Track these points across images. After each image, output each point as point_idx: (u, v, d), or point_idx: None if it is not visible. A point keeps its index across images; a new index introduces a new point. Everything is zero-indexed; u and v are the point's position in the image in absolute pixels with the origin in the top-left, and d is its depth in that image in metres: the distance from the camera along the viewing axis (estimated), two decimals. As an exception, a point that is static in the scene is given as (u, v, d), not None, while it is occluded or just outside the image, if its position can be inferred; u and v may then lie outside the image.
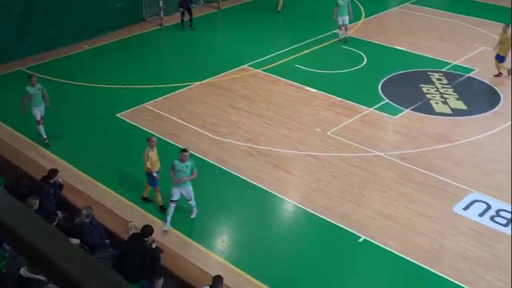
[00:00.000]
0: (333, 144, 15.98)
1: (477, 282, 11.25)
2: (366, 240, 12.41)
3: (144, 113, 17.86)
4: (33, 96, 15.46)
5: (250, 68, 20.94)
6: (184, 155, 12.54)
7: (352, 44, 22.90)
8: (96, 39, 23.61)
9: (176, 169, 12.51)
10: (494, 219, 12.99)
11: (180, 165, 12.48)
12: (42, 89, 15.64)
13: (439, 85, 19.39)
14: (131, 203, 13.66)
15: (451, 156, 15.38)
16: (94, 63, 21.82)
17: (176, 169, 12.51)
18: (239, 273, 11.59)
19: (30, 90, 15.43)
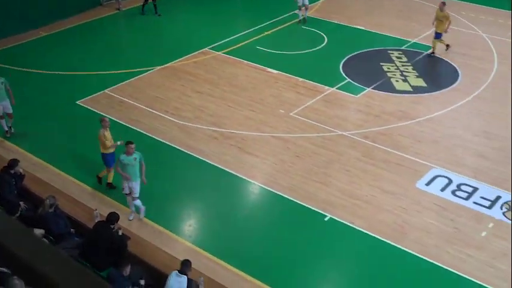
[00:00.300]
0: (297, 125, 16.04)
1: (441, 256, 11.51)
2: (332, 219, 12.55)
3: (105, 99, 17.60)
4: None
5: (211, 51, 20.80)
6: (131, 147, 12.04)
7: (312, 24, 22.95)
8: (53, 25, 23.10)
9: (123, 163, 12.06)
10: (456, 194, 13.27)
11: (127, 158, 12.05)
12: (5, 83, 15.10)
13: (399, 63, 19.61)
14: (95, 191, 13.50)
15: (413, 133, 15.61)
16: (51, 49, 21.35)
17: (123, 163, 12.06)
18: (207, 256, 11.59)
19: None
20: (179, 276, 9.63)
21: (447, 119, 16.31)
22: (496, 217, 12.55)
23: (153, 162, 14.76)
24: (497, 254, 11.57)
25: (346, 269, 11.56)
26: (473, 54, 20.15)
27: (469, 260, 11.41)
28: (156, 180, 14.09)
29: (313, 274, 11.30)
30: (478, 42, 21.15)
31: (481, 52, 20.31)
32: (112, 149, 13.14)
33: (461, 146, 15.02)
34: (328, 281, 11.23)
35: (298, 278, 11.19)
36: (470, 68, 19.16)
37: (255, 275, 11.11)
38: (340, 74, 18.96)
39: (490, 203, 12.95)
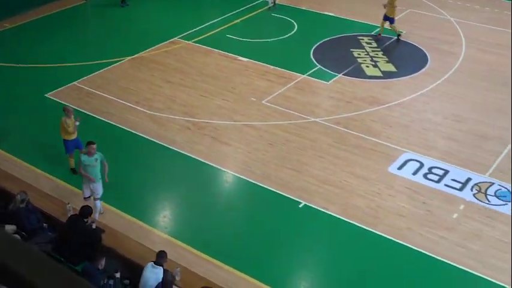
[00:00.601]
0: (269, 113, 16.05)
1: (414, 238, 11.67)
2: (306, 206, 12.62)
3: (75, 92, 17.36)
4: None
5: (181, 41, 20.65)
6: (92, 147, 11.76)
7: (282, 12, 22.92)
8: (18, 17, 22.63)
9: (85, 164, 11.76)
10: (427, 177, 13.45)
11: (88, 159, 11.76)
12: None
13: (369, 49, 19.72)
14: (67, 185, 13.34)
15: (384, 118, 15.75)
16: (17, 42, 20.97)
17: (85, 164, 11.76)
18: (184, 247, 11.57)
19: None
20: (155, 267, 9.61)
21: (417, 103, 16.48)
22: (467, 199, 12.76)
23: (126, 154, 14.68)
24: (468, 234, 11.78)
25: (321, 255, 11.65)
26: (442, 39, 20.37)
27: (442, 242, 11.60)
28: (129, 172, 14.01)
29: (289, 261, 11.36)
30: (446, 26, 21.37)
31: (450, 36, 20.53)
32: (74, 135, 13.23)
33: (431, 130, 15.21)
34: (304, 267, 11.31)
35: (275, 265, 11.24)
36: (439, 52, 19.37)
37: (231, 264, 11.13)
38: (311, 61, 19.00)
39: (460, 185, 13.16)
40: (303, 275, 11.09)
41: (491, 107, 16.17)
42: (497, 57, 19.00)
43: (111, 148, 14.82)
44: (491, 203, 12.61)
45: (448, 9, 22.85)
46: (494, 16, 22.17)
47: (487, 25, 21.40)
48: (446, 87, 17.29)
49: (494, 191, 12.96)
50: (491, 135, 14.94)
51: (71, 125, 13.11)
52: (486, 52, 19.38)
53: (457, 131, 15.13)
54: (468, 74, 17.96)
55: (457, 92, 17.01)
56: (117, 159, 14.44)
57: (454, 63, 18.68)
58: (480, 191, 12.96)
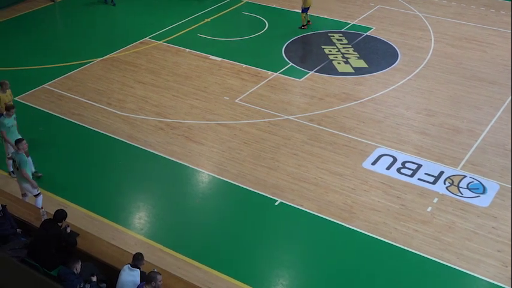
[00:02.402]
0: (242, 112, 16.04)
1: (390, 233, 11.79)
2: (282, 203, 12.65)
3: (45, 94, 17.12)
4: None
5: (151, 41, 20.51)
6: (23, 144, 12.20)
7: (252, 10, 22.92)
8: (-16, 20, 22.27)
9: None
10: (401, 171, 13.58)
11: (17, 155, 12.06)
12: None
13: (340, 45, 19.83)
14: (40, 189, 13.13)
15: (357, 114, 15.86)
16: (-16, 45, 20.60)
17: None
18: (160, 248, 11.51)
19: None
20: (132, 270, 9.52)
21: (389, 99, 16.63)
22: (440, 192, 12.92)
23: (99, 156, 14.54)
24: (442, 227, 11.93)
25: (298, 252, 11.68)
26: (411, 34, 20.58)
27: (416, 235, 11.73)
28: (102, 174, 13.88)
29: (266, 259, 11.38)
30: (414, 21, 21.60)
31: (418, 31, 20.76)
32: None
33: (404, 125, 15.36)
34: (281, 264, 11.32)
35: (252, 263, 11.25)
36: (408, 47, 19.57)
37: (209, 264, 11.11)
38: (283, 59, 19.03)
39: (433, 178, 13.32)
40: (281, 273, 11.11)
41: (461, 101, 16.41)
42: (465, 51, 19.28)
43: (84, 150, 14.67)
44: (464, 196, 12.79)
45: (416, 4, 23.09)
46: (461, 10, 22.49)
47: (454, 19, 21.69)
48: (417, 82, 17.49)
49: (466, 183, 13.15)
50: (462, 128, 15.16)
51: (5, 99, 13.80)
52: (454, 46, 19.65)
53: (429, 125, 15.31)
54: (438, 68, 18.19)
55: (427, 86, 17.21)
56: (90, 161, 14.30)
57: (423, 57, 18.89)
58: (453, 184, 13.13)
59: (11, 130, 13.11)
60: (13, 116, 13.10)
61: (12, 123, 13.13)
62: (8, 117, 13.06)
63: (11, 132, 13.10)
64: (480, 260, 11.14)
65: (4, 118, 13.04)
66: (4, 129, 13.00)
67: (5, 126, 12.98)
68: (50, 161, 12.39)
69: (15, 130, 13.23)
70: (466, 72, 17.93)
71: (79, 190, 13.24)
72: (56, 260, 10.22)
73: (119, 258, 10.71)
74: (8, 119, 13.05)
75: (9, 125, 13.06)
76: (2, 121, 13.00)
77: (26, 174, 11.80)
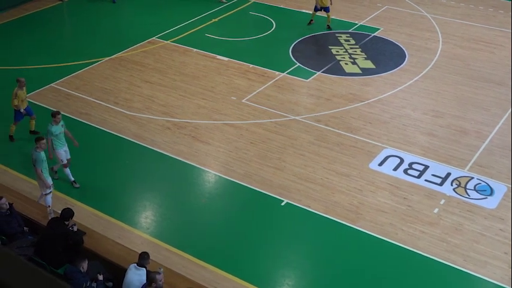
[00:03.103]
0: (249, 112, 16.05)
1: (396, 234, 11.76)
2: (288, 203, 12.64)
3: (52, 94, 17.19)
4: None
5: (159, 40, 20.54)
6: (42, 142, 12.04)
7: (260, 10, 22.92)
8: (-7, 19, 22.37)
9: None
10: (408, 172, 13.55)
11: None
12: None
13: (347, 46, 19.80)
14: (47, 188, 13.19)
15: (364, 115, 15.83)
16: (-7, 44, 20.69)
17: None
18: (166, 247, 11.53)
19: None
20: (138, 269, 9.55)
21: (397, 100, 16.59)
22: (447, 193, 12.88)
23: (105, 155, 14.58)
24: (449, 229, 11.89)
25: (304, 252, 11.67)
26: (419, 35, 20.52)
27: (423, 237, 11.70)
28: (109, 173, 13.92)
29: (272, 259, 11.38)
30: (423, 22, 21.54)
31: (426, 32, 20.70)
32: (18, 107, 14.46)
33: (411, 126, 15.32)
34: (287, 264, 11.31)
35: (258, 264, 11.25)
36: (416, 48, 19.51)
37: (215, 263, 11.11)
38: (290, 59, 19.02)
39: (440, 180, 13.28)
40: (287, 273, 11.11)
41: (469, 102, 16.35)
42: (472, 52, 19.21)
43: (91, 149, 14.71)
44: (471, 197, 12.74)
45: (424, 5, 23.03)
46: (469, 12, 22.40)
47: (463, 20, 21.62)
48: (424, 82, 17.43)
49: (473, 185, 13.10)
50: (469, 130, 15.10)
51: (22, 96, 14.23)
52: (462, 47, 19.58)
53: (436, 127, 15.26)
54: (445, 70, 18.13)
55: (435, 87, 17.16)
56: (97, 160, 14.34)
57: (431, 58, 18.84)
58: (460, 186, 13.09)
59: (59, 137, 12.66)
60: (60, 123, 12.67)
61: (60, 131, 12.67)
62: (55, 124, 12.56)
63: (59, 139, 12.65)
64: (487, 262, 11.10)
65: (52, 126, 12.54)
66: (51, 136, 12.51)
67: (53, 134, 12.51)
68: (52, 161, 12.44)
69: (62, 137, 12.75)
70: (474, 74, 17.86)
71: (86, 189, 13.27)
72: (62, 259, 10.26)
73: (125, 257, 10.76)
74: (55, 126, 12.55)
75: (57, 132, 12.59)
76: (50, 129, 12.52)
77: (39, 172, 11.80)
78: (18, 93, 14.14)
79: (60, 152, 12.77)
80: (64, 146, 12.85)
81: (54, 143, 12.60)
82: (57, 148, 12.71)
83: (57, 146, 12.69)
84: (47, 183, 11.91)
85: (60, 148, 12.76)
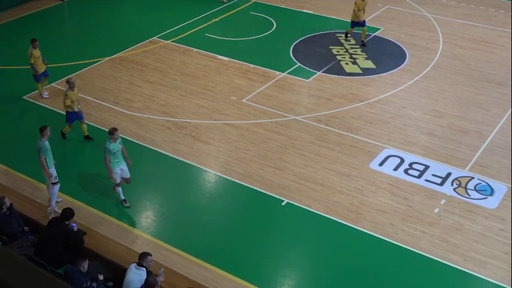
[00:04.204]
0: (250, 111, 16.04)
1: (396, 234, 11.75)
2: (289, 203, 12.64)
3: (53, 93, 17.18)
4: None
5: (159, 40, 20.54)
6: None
7: (260, 10, 22.91)
8: (-6, 19, 22.37)
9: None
10: (408, 172, 13.54)
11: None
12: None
13: (347, 46, 19.79)
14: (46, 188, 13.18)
15: (364, 114, 15.82)
16: (-7, 44, 20.69)
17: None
18: (166, 247, 11.52)
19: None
20: (138, 268, 9.55)
21: (397, 100, 16.58)
22: (448, 193, 12.87)
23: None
24: (449, 229, 11.88)
25: (305, 252, 11.67)
26: (420, 35, 20.51)
27: (424, 237, 11.69)
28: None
29: (272, 259, 11.37)
30: (423, 22, 21.53)
31: (427, 32, 20.69)
32: (69, 108, 14.42)
33: (411, 126, 15.32)
34: (288, 265, 11.31)
35: (259, 264, 11.24)
36: (417, 48, 19.50)
37: (215, 263, 11.10)
38: (291, 59, 19.02)
39: (441, 180, 13.27)
40: (287, 273, 11.10)
41: (469, 102, 16.34)
42: (473, 52, 19.20)
43: (90, 149, 14.71)
44: (472, 197, 12.74)
45: (425, 5, 23.02)
46: (470, 12, 22.40)
47: (463, 20, 21.61)
48: (425, 82, 17.43)
49: (474, 185, 13.09)
50: (470, 130, 15.10)
51: (73, 97, 14.26)
52: (463, 47, 19.57)
53: (436, 126, 15.25)
54: (446, 70, 18.13)
55: (435, 87, 17.15)
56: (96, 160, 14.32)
57: (432, 58, 18.83)
58: (460, 186, 13.08)
59: (116, 155, 12.04)
60: (118, 140, 12.06)
61: (118, 148, 12.05)
62: (113, 141, 11.92)
63: (115, 157, 12.04)
64: (487, 262, 11.09)
65: (109, 143, 11.88)
66: (109, 155, 11.93)
67: (110, 151, 11.89)
68: (57, 159, 12.41)
69: (119, 156, 12.17)
70: (475, 74, 17.85)
71: (86, 189, 13.27)
72: (63, 258, 10.27)
73: (125, 257, 10.77)
74: (113, 143, 11.92)
75: (115, 150, 11.97)
76: (107, 146, 11.86)
77: (42, 161, 11.83)
78: (69, 94, 14.19)
79: (115, 170, 12.11)
80: (120, 165, 12.21)
81: (111, 161, 12.02)
82: (113, 167, 12.09)
83: (114, 165, 12.06)
84: (49, 172, 11.89)
85: (116, 167, 12.11)
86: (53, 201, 12.18)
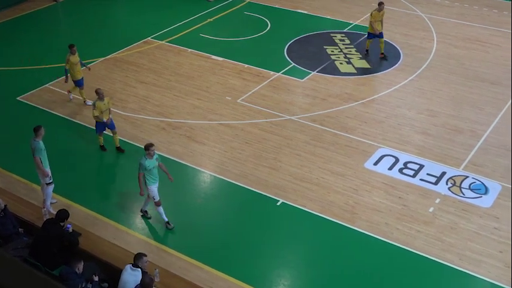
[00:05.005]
0: (244, 112, 16.04)
1: (391, 233, 11.77)
2: (284, 203, 12.64)
3: (47, 94, 17.15)
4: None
5: (154, 40, 20.52)
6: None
7: (254, 10, 22.92)
8: (-13, 20, 22.30)
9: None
10: (403, 172, 13.57)
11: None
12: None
13: (342, 46, 19.81)
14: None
15: (359, 114, 15.84)
16: (-13, 45, 20.62)
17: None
18: (162, 248, 11.52)
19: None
20: (133, 269, 9.55)
21: (391, 99, 16.62)
22: (442, 192, 12.90)
23: (100, 156, 14.54)
24: (444, 228, 11.91)
25: (300, 252, 11.67)
26: (414, 34, 20.56)
27: (419, 236, 11.71)
28: (104, 174, 13.89)
29: (268, 259, 11.37)
30: (417, 22, 21.57)
31: (421, 32, 20.73)
32: (98, 119, 13.99)
33: (406, 125, 15.35)
34: (283, 265, 11.31)
35: (254, 264, 11.24)
36: (411, 48, 19.54)
37: (211, 263, 11.11)
38: (285, 59, 19.03)
39: (435, 179, 13.30)
40: (283, 273, 11.10)
41: (463, 101, 16.38)
42: (467, 52, 19.26)
43: (85, 150, 14.68)
44: (466, 196, 12.77)
45: (419, 4, 23.07)
46: (464, 11, 22.46)
47: (457, 20, 21.67)
48: (419, 82, 17.47)
49: (468, 184, 13.13)
50: (464, 129, 15.14)
51: (102, 107, 13.84)
52: (457, 47, 19.63)
53: (431, 126, 15.29)
54: (440, 69, 18.17)
55: (429, 86, 17.19)
56: (92, 161, 14.31)
57: (426, 58, 18.87)
58: (455, 185, 13.11)
59: (152, 172, 11.46)
60: (155, 156, 11.51)
61: (154, 165, 11.47)
62: (149, 157, 11.36)
63: (152, 174, 11.47)
64: (482, 261, 11.12)
65: (145, 159, 11.35)
66: (144, 171, 11.39)
67: (146, 168, 11.35)
68: (51, 160, 12.38)
69: (156, 172, 11.56)
70: (469, 73, 17.90)
71: (81, 190, 13.25)
72: (58, 260, 10.25)
73: (121, 257, 10.76)
74: (149, 160, 11.36)
75: (150, 167, 11.39)
76: (142, 163, 11.31)
77: (37, 160, 11.80)
78: (97, 104, 13.78)
79: (153, 188, 11.58)
80: (157, 182, 11.67)
81: (146, 178, 11.45)
82: (149, 184, 11.52)
83: (150, 182, 11.48)
84: (45, 171, 11.87)
85: (153, 184, 11.58)
86: (47, 202, 12.15)
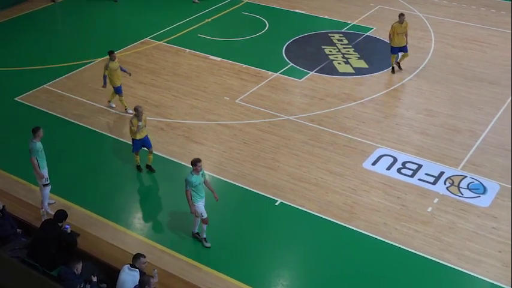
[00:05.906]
0: (243, 112, 16.03)
1: (390, 233, 11.77)
2: (283, 203, 12.64)
3: (45, 95, 17.13)
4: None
5: (152, 41, 20.51)
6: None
7: (252, 10, 22.91)
8: (-15, 20, 22.28)
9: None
10: (401, 171, 13.57)
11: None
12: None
13: (340, 46, 19.81)
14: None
15: (357, 114, 15.84)
16: (-15, 45, 20.60)
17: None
18: (160, 248, 11.51)
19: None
20: (131, 270, 9.53)
21: (390, 99, 16.62)
22: (441, 192, 12.91)
23: (99, 156, 14.53)
24: (442, 228, 11.92)
25: (299, 252, 11.67)
26: (412, 34, 20.46)
27: (417, 236, 11.72)
28: (102, 174, 13.87)
29: (266, 259, 11.37)
30: (415, 22, 21.56)
31: (419, 32, 20.73)
32: (137, 135, 13.37)
33: (404, 125, 15.35)
34: (282, 265, 11.31)
35: (253, 264, 11.24)
36: (409, 48, 19.47)
37: (209, 264, 11.10)
38: (283, 59, 19.03)
39: (434, 178, 13.30)
40: (281, 273, 11.10)
41: (462, 101, 16.39)
42: (465, 52, 19.27)
43: (84, 150, 14.67)
44: (464, 196, 12.78)
45: (417, 4, 23.08)
46: (462, 11, 22.47)
47: (455, 20, 21.68)
48: (417, 82, 17.47)
49: (466, 184, 13.14)
50: (462, 129, 15.14)
51: (135, 124, 13.27)
52: (455, 47, 19.63)
53: (429, 126, 15.29)
54: (438, 69, 18.18)
55: (428, 86, 17.20)
56: (90, 162, 14.29)
57: (424, 58, 18.88)
58: (453, 184, 13.12)
59: (198, 189, 11.13)
60: (201, 172, 11.15)
61: (200, 181, 11.11)
62: (196, 173, 11.04)
63: (198, 190, 11.13)
64: (481, 261, 11.13)
65: (191, 175, 11.04)
66: (191, 188, 11.05)
67: (192, 184, 11.01)
68: (49, 161, 12.36)
69: (202, 189, 11.23)
70: (467, 73, 17.91)
71: (79, 190, 13.23)
72: (56, 260, 10.23)
73: (119, 258, 10.74)
74: (195, 176, 11.05)
75: (197, 183, 11.05)
76: (189, 179, 11.00)
77: (33, 162, 11.80)
78: (134, 121, 13.25)
79: (199, 205, 11.24)
80: (204, 198, 11.31)
81: (193, 195, 11.12)
82: (195, 201, 11.17)
83: (196, 199, 11.15)
84: (40, 173, 11.87)
85: (199, 201, 11.24)
86: (45, 203, 12.14)
